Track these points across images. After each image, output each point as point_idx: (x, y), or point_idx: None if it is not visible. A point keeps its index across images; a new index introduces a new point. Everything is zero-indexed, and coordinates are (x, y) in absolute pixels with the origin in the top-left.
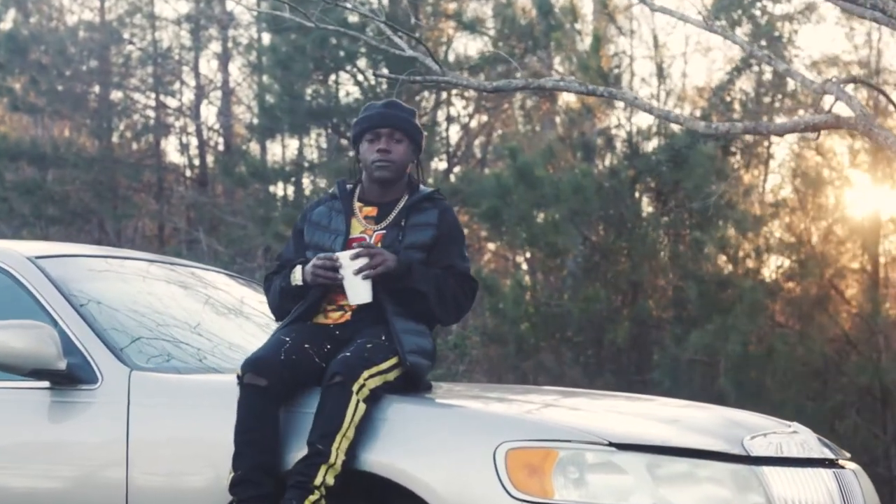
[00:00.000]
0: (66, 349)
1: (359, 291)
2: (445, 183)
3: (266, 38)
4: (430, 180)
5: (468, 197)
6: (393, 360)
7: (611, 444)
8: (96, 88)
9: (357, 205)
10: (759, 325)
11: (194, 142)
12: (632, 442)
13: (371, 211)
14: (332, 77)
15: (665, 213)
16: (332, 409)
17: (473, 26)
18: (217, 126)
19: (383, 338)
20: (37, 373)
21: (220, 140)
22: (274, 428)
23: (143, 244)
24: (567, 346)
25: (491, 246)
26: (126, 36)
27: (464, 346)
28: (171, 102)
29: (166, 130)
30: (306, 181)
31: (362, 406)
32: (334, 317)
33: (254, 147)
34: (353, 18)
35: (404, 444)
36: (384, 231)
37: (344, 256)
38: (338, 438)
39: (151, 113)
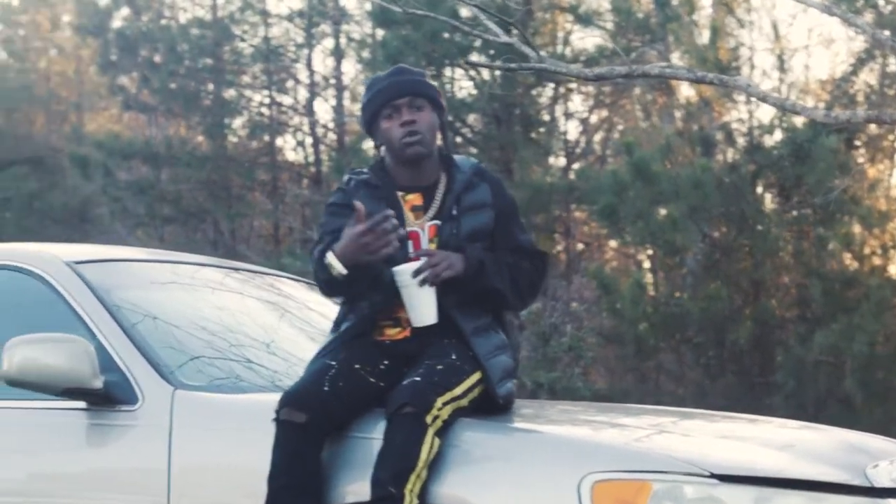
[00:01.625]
0: (105, 366)
1: (423, 309)
2: (564, 180)
3: (380, 33)
4: (549, 179)
5: (585, 194)
6: (467, 384)
7: (713, 476)
8: (209, 86)
9: (398, 194)
10: (887, 325)
11: (309, 140)
12: (737, 473)
13: (416, 199)
14: (448, 72)
15: (787, 209)
16: (404, 445)
17: (589, 19)
18: (331, 123)
19: (454, 357)
20: (70, 392)
21: (335, 137)
22: (315, 469)
23: (258, 244)
24: (687, 346)
25: (613, 244)
26: (237, 32)
27: (579, 348)
28: (286, 100)
29: (280, 129)
30: None
31: (437, 441)
32: (391, 333)
33: (368, 144)
34: (465, 13)
35: (477, 475)
36: (437, 223)
37: (403, 271)
38: (412, 479)
39: (265, 111)
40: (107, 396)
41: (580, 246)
